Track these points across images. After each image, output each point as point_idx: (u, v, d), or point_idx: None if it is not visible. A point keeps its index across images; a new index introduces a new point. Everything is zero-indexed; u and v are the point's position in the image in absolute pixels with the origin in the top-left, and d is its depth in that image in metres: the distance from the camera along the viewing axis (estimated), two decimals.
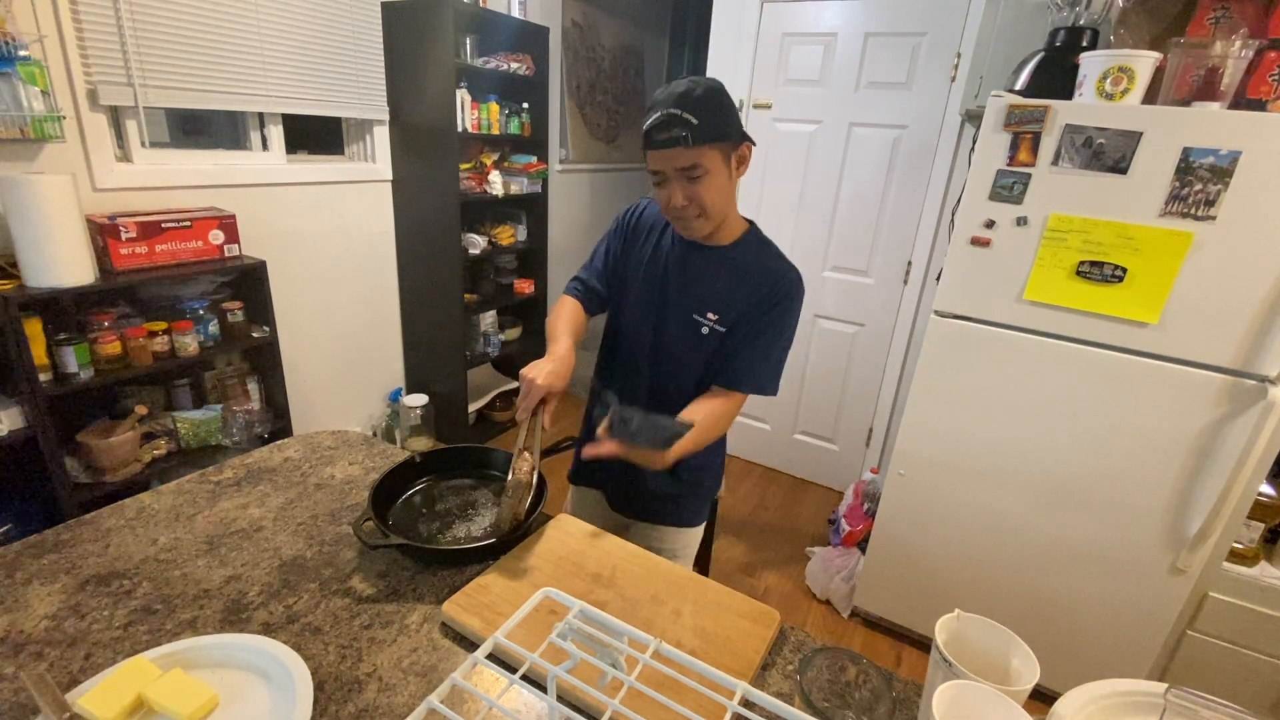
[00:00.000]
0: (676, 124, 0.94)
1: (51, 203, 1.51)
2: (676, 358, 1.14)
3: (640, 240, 1.19)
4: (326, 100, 2.31)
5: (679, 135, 0.94)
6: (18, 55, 1.49)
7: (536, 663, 0.53)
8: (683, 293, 1.12)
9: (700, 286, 1.11)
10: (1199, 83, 1.37)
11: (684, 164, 0.97)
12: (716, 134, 0.96)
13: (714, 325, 1.10)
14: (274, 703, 0.67)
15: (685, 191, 1.00)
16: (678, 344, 1.13)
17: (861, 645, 1.99)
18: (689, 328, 1.11)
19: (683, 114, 0.94)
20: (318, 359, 2.56)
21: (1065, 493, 1.61)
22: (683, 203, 1.01)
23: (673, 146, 0.96)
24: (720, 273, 1.10)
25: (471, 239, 2.78)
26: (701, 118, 0.94)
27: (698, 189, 0.99)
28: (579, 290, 1.23)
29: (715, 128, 0.96)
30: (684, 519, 1.29)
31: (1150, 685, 0.67)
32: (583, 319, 1.20)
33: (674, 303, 1.13)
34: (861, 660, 0.73)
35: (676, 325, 1.13)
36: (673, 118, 0.94)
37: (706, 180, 0.99)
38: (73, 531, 0.95)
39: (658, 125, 0.96)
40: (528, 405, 0.97)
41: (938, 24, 2.21)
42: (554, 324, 1.15)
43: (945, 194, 2.31)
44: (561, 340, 1.09)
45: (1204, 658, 1.60)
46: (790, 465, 2.98)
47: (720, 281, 1.10)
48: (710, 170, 0.98)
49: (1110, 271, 1.44)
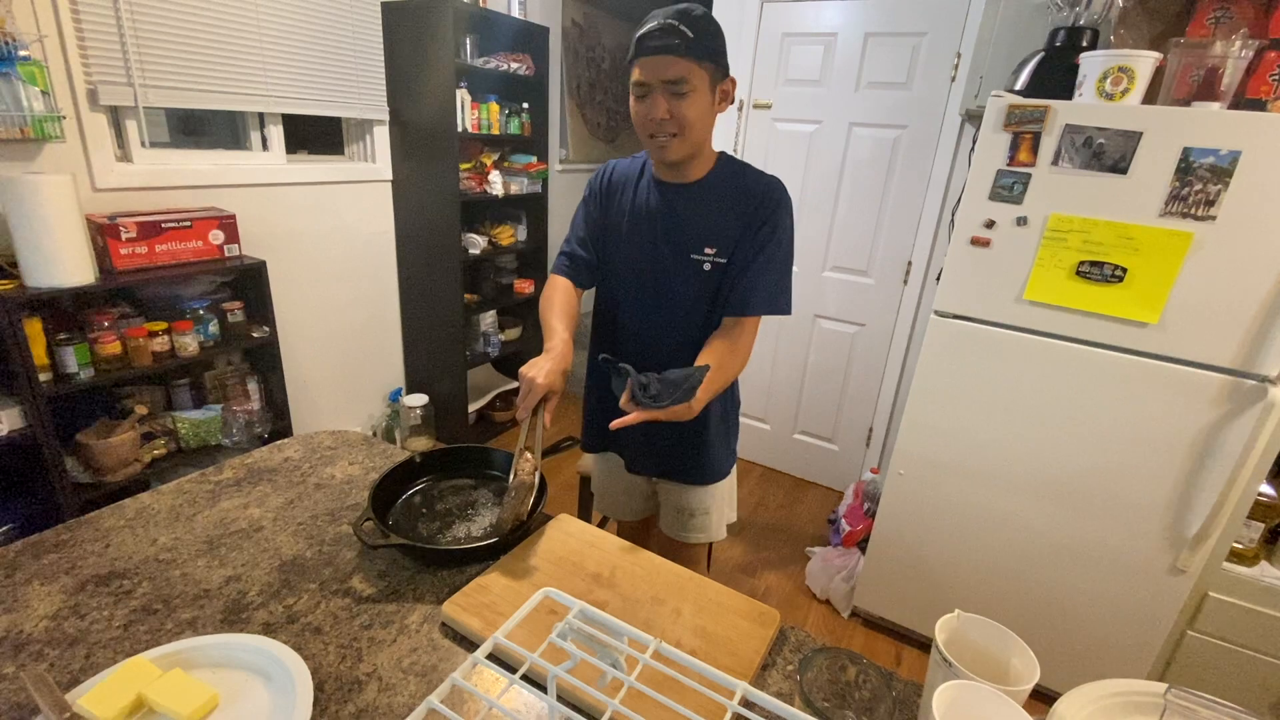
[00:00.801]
0: (673, 34, 0.95)
1: (51, 203, 1.51)
2: (682, 305, 1.13)
3: (616, 198, 1.18)
4: (326, 100, 2.31)
5: (672, 44, 0.95)
6: (18, 55, 1.49)
7: (536, 663, 0.53)
8: (675, 236, 1.11)
9: (690, 225, 1.10)
10: (1199, 83, 1.37)
11: (671, 75, 0.97)
12: (708, 52, 0.97)
13: (714, 259, 1.09)
14: (274, 703, 0.67)
15: (668, 105, 0.99)
16: (681, 289, 1.12)
17: (861, 645, 1.99)
18: (690, 269, 1.10)
19: (680, 25, 0.94)
20: (318, 359, 2.56)
21: (1065, 492, 1.61)
22: (663, 115, 0.99)
23: (664, 54, 0.96)
24: (706, 206, 1.10)
25: (471, 239, 2.78)
26: (697, 33, 0.95)
27: (681, 104, 0.99)
28: (567, 266, 1.21)
29: (709, 46, 0.97)
30: (708, 474, 1.26)
31: (1150, 685, 0.67)
32: (575, 300, 1.19)
33: (668, 248, 1.12)
34: (861, 660, 0.73)
35: (676, 270, 1.12)
36: (669, 27, 0.95)
37: (691, 97, 0.98)
38: (73, 531, 0.95)
39: (652, 32, 0.96)
40: (528, 405, 0.97)
41: (938, 24, 2.21)
42: (547, 312, 1.14)
43: (945, 194, 2.31)
44: (558, 333, 1.08)
45: (1204, 658, 1.60)
46: (790, 465, 2.98)
47: (708, 214, 1.09)
48: (696, 88, 0.98)
49: (1110, 271, 1.44)
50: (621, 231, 1.16)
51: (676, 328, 1.15)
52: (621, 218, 1.16)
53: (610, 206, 1.19)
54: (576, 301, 1.19)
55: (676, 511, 1.29)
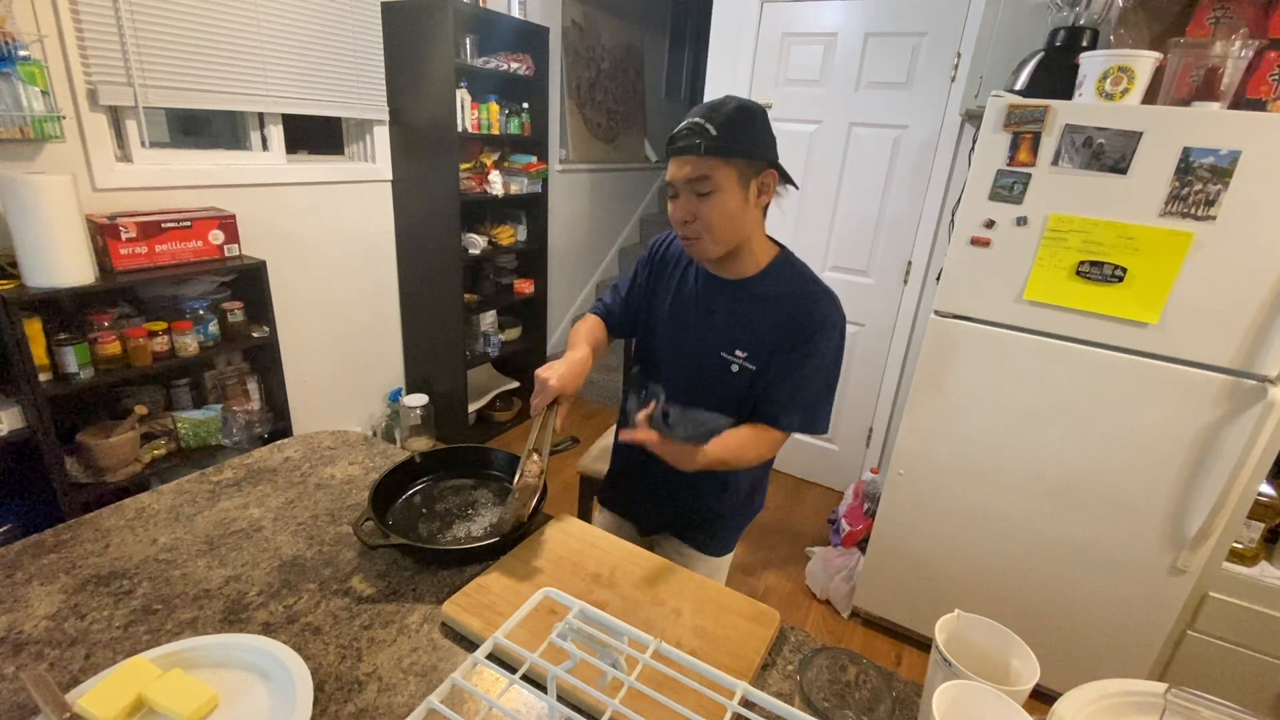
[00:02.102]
0: (696, 133, 0.92)
1: (51, 203, 1.51)
2: (708, 398, 1.09)
3: (667, 273, 1.16)
4: (326, 100, 2.31)
5: (693, 143, 0.92)
6: (18, 55, 1.49)
7: (536, 663, 0.53)
8: (709, 331, 1.09)
9: (726, 323, 1.07)
10: (1199, 83, 1.37)
11: (692, 175, 0.94)
12: (733, 149, 0.93)
13: (743, 363, 1.06)
14: (274, 703, 0.67)
15: (690, 206, 0.96)
16: (709, 383, 1.10)
17: (861, 645, 1.99)
18: (719, 366, 1.08)
19: (705, 123, 0.92)
20: (318, 359, 2.56)
21: (1065, 492, 1.61)
22: (684, 217, 0.97)
23: (685, 154, 0.94)
24: (746, 307, 1.06)
25: (471, 239, 2.78)
26: (722, 130, 0.92)
27: (704, 205, 0.95)
28: (602, 312, 1.23)
29: (733, 143, 0.93)
30: (717, 545, 1.26)
31: (1150, 685, 0.67)
32: (604, 336, 1.20)
33: (701, 341, 1.09)
34: (861, 660, 0.73)
35: (706, 364, 1.09)
36: (695, 127, 0.92)
37: (715, 198, 0.95)
38: (73, 531, 0.95)
39: (679, 132, 0.94)
40: (540, 403, 0.98)
41: (938, 24, 2.21)
42: (575, 335, 1.15)
43: (945, 194, 2.31)
44: (580, 347, 1.08)
45: (1204, 658, 1.60)
46: (790, 465, 2.98)
47: (747, 316, 1.06)
48: (721, 188, 0.94)
49: (1110, 271, 1.44)
50: (664, 309, 1.15)
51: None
52: (667, 295, 1.14)
53: (659, 279, 1.17)
54: (604, 337, 1.20)
55: None
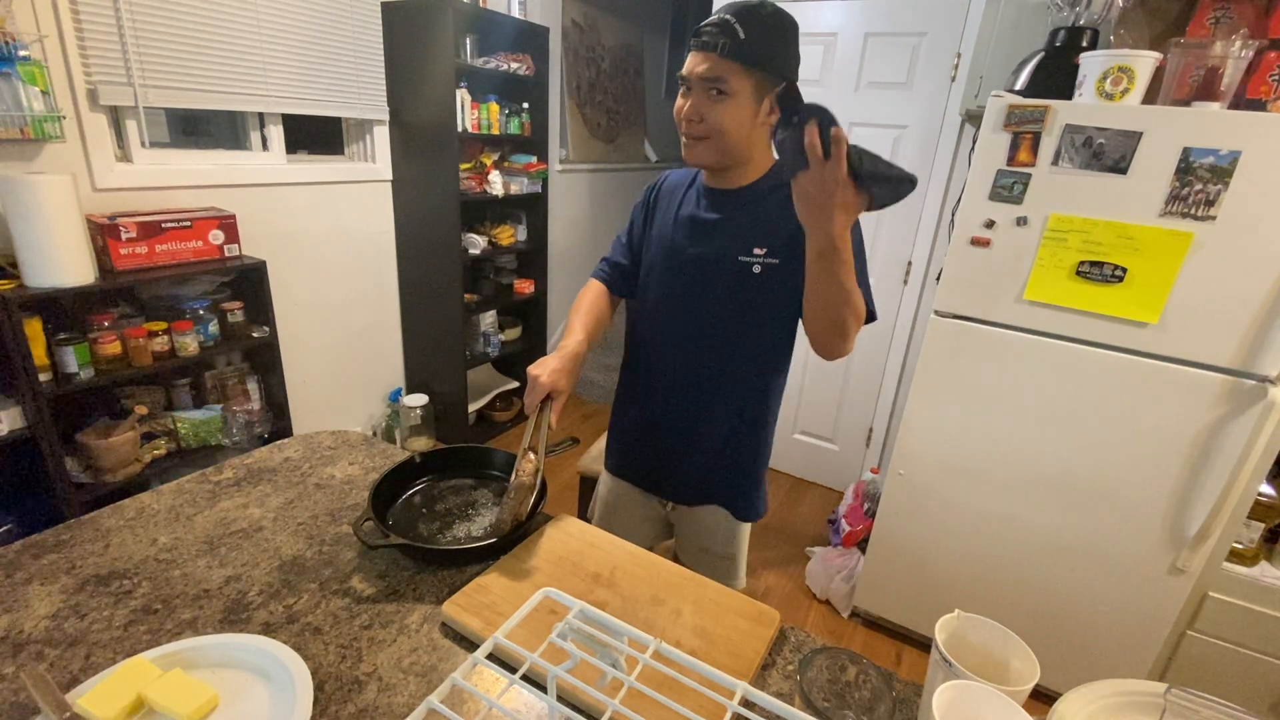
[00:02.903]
0: (724, 30, 0.87)
1: (51, 203, 1.51)
2: (730, 321, 1.05)
3: (662, 207, 1.12)
4: (326, 100, 2.31)
5: (717, 41, 0.87)
6: (18, 55, 1.49)
7: (536, 663, 0.53)
8: (720, 240, 1.03)
9: (738, 228, 1.02)
10: (1199, 83, 1.37)
11: (709, 74, 0.90)
12: (760, 58, 0.88)
13: (764, 260, 0.99)
14: (274, 703, 0.67)
15: (701, 105, 0.92)
16: (729, 299, 1.03)
17: (861, 645, 1.99)
18: (738, 273, 1.01)
19: (735, 23, 0.87)
20: (318, 359, 2.56)
21: (1065, 492, 1.61)
22: (692, 115, 0.93)
23: (706, 50, 0.89)
24: (754, 208, 1.01)
25: (471, 239, 2.78)
26: (750, 35, 0.87)
27: (715, 107, 0.91)
28: (605, 272, 1.18)
29: (759, 51, 0.88)
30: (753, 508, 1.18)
31: (1150, 685, 0.67)
32: (605, 307, 1.15)
33: (714, 253, 1.03)
34: (861, 660, 0.73)
35: (723, 276, 1.03)
36: (724, 23, 0.87)
37: (728, 102, 0.91)
38: (73, 531, 0.95)
39: (707, 25, 0.89)
40: (532, 401, 0.96)
41: (938, 24, 2.21)
42: (573, 314, 1.11)
43: (945, 194, 2.31)
44: (574, 333, 1.04)
45: (1204, 658, 1.60)
46: (790, 465, 2.98)
47: (757, 216, 1.01)
48: (734, 93, 0.90)
49: (1110, 271, 1.44)
50: (665, 239, 1.10)
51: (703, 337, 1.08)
52: (666, 226, 1.10)
53: (655, 216, 1.13)
54: (607, 307, 1.15)
55: (701, 550, 1.22)
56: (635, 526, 1.27)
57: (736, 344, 1.07)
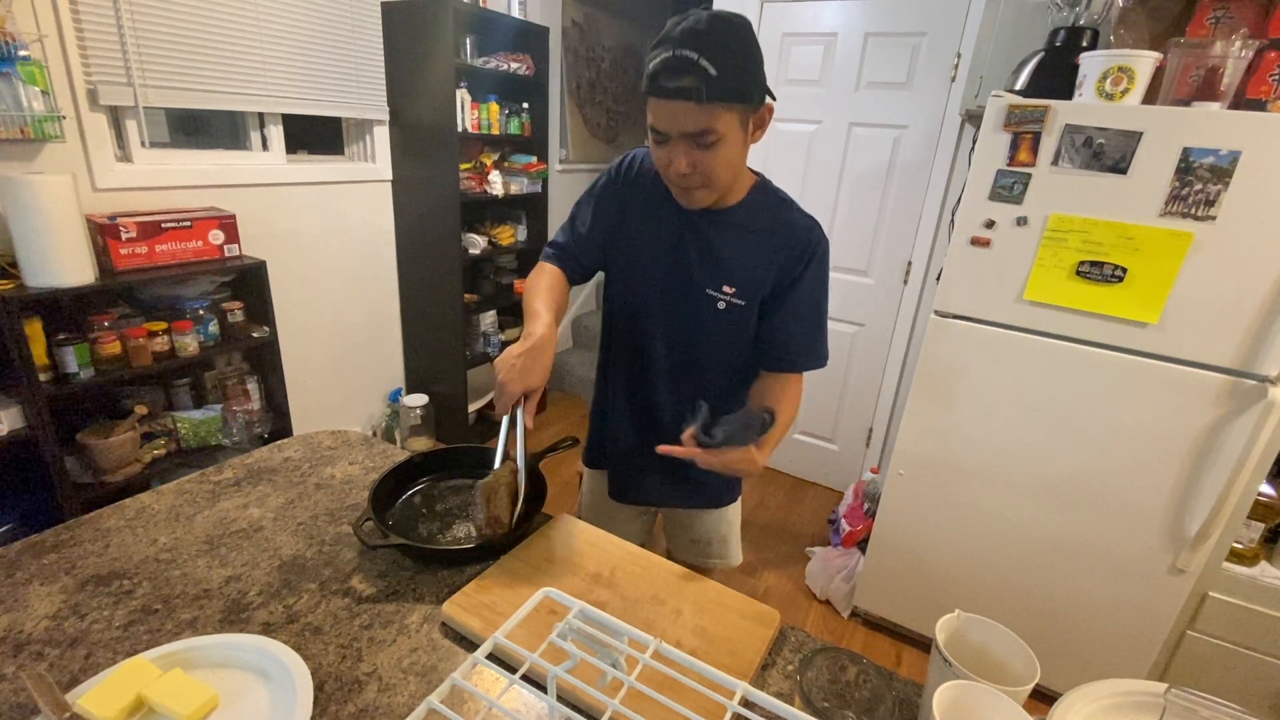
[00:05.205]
0: (689, 71, 0.75)
1: (51, 203, 1.51)
2: (694, 339, 1.03)
3: (639, 199, 1.02)
4: (326, 100, 2.31)
5: (691, 88, 0.75)
6: (18, 55, 1.49)
7: (536, 663, 0.53)
8: (692, 266, 0.99)
9: (712, 257, 0.97)
10: (1199, 83, 1.37)
11: (693, 128, 0.80)
12: (737, 92, 0.78)
13: (731, 299, 0.98)
14: (274, 703, 0.67)
15: (690, 158, 0.83)
16: (693, 322, 1.02)
17: (861, 645, 1.99)
18: (703, 303, 0.99)
19: (699, 59, 0.74)
20: (318, 359, 2.56)
21: (1065, 493, 1.61)
22: (685, 170, 0.84)
23: (682, 100, 0.77)
24: (731, 239, 0.97)
25: (471, 239, 2.78)
26: (722, 68, 0.75)
27: (705, 157, 0.83)
28: (556, 258, 1.08)
29: (737, 83, 0.78)
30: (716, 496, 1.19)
31: (1150, 685, 0.67)
32: (564, 290, 1.05)
33: (683, 278, 1.00)
34: (861, 660, 0.73)
35: (689, 302, 1.00)
36: (685, 62, 0.75)
37: (718, 149, 0.82)
38: (73, 531, 0.95)
39: (666, 68, 0.76)
40: (503, 407, 0.88)
41: (938, 24, 2.20)
42: (532, 296, 0.99)
43: (945, 194, 2.31)
44: (540, 317, 0.92)
45: (1204, 658, 1.61)
46: (790, 465, 2.98)
47: (733, 249, 0.97)
48: (724, 136, 0.81)
49: (1110, 271, 1.44)
50: (636, 243, 1.03)
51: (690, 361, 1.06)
52: (641, 227, 1.03)
53: (628, 209, 1.03)
54: (566, 290, 1.06)
55: (691, 541, 1.26)
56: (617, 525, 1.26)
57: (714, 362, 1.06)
